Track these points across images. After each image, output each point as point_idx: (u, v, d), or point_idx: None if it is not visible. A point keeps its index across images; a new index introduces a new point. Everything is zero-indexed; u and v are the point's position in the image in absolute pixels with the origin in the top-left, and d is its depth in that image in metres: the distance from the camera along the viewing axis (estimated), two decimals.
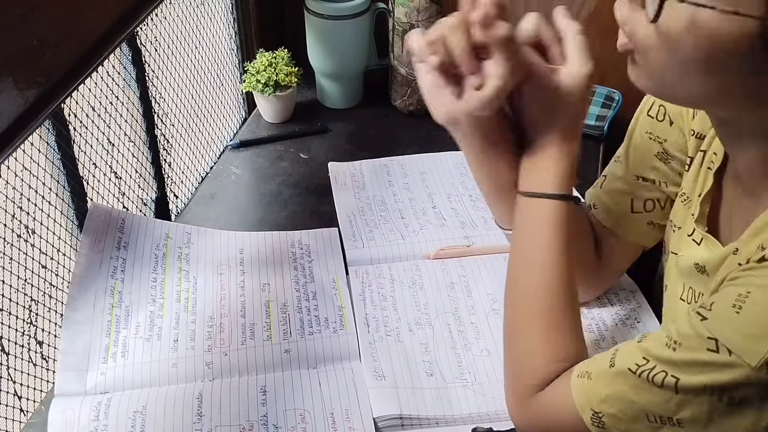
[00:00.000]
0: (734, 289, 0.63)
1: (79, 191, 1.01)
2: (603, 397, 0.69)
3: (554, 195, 0.78)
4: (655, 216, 0.90)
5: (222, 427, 0.87)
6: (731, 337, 0.61)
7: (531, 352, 0.78)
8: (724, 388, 0.62)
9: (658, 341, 0.66)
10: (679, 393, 0.64)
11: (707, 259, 0.76)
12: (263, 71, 1.32)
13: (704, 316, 0.64)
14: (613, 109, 1.37)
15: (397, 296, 1.04)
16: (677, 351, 0.64)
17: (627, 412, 0.68)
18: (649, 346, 0.67)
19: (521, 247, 0.81)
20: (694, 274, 0.78)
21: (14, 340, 0.91)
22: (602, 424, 0.70)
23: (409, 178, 1.26)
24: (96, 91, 1.02)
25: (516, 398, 0.79)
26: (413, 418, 0.88)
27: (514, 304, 0.81)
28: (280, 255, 1.09)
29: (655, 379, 0.65)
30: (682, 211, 0.83)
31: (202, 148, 1.33)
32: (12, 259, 0.90)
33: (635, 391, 0.67)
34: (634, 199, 0.90)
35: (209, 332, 0.98)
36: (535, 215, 0.79)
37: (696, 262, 0.77)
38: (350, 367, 0.95)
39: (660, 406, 0.66)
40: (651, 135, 0.87)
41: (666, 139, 0.86)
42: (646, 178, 0.89)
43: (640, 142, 0.89)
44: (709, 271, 0.75)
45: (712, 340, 0.62)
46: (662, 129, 0.86)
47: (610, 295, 1.03)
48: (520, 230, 0.81)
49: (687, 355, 0.64)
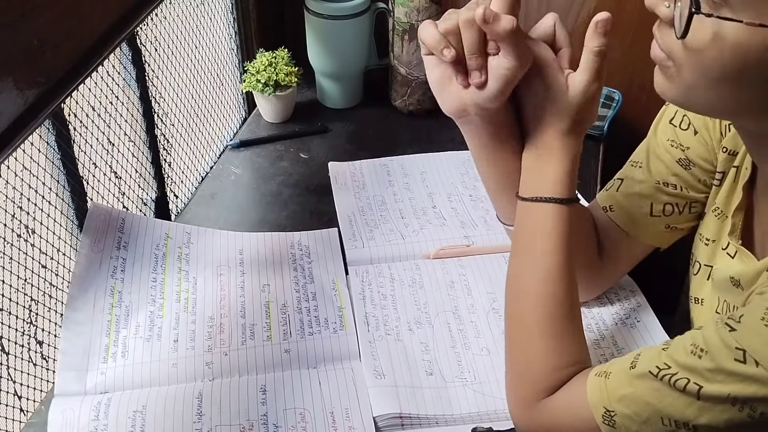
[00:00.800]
0: (763, 303, 0.63)
1: (79, 191, 1.01)
2: (619, 396, 0.69)
3: (555, 199, 0.78)
4: (673, 220, 0.91)
5: (222, 426, 0.87)
6: (759, 349, 0.61)
7: (536, 359, 0.78)
8: (747, 400, 0.62)
9: (683, 348, 0.66)
10: (701, 399, 0.64)
11: (742, 273, 0.76)
12: (263, 71, 1.32)
13: (733, 327, 0.64)
14: (613, 109, 1.37)
15: (396, 295, 1.04)
16: (702, 359, 0.64)
17: (641, 414, 0.68)
18: (673, 353, 0.67)
19: (522, 252, 0.81)
20: (729, 288, 0.78)
21: (14, 340, 0.91)
22: (613, 422, 0.70)
23: (409, 178, 1.26)
24: (96, 91, 1.02)
25: (521, 403, 0.79)
26: (413, 417, 0.88)
27: (516, 311, 0.81)
28: (280, 256, 1.09)
29: (677, 384, 0.65)
30: (715, 225, 0.83)
31: (202, 148, 1.33)
32: (12, 259, 0.90)
33: (654, 393, 0.67)
34: (653, 203, 0.90)
35: (209, 332, 0.98)
36: (536, 219, 0.79)
37: (731, 275, 0.77)
38: (350, 367, 0.95)
39: (678, 411, 0.66)
40: (674, 143, 0.88)
41: (689, 147, 0.87)
42: (668, 183, 0.89)
43: (662, 150, 0.89)
44: (744, 285, 0.75)
45: (740, 351, 0.62)
46: (686, 137, 0.87)
47: (610, 295, 1.03)
48: (521, 235, 0.81)
49: (712, 364, 0.63)
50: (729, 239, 0.79)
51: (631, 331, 0.98)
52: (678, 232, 0.92)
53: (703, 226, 0.86)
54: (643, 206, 0.91)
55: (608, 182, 0.96)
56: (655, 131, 0.90)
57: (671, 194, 0.89)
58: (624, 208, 0.92)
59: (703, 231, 0.86)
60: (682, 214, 0.90)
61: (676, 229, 0.91)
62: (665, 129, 0.89)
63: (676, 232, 0.92)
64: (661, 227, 0.91)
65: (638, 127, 1.25)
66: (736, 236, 0.79)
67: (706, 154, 0.86)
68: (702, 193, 0.88)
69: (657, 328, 0.98)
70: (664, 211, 0.90)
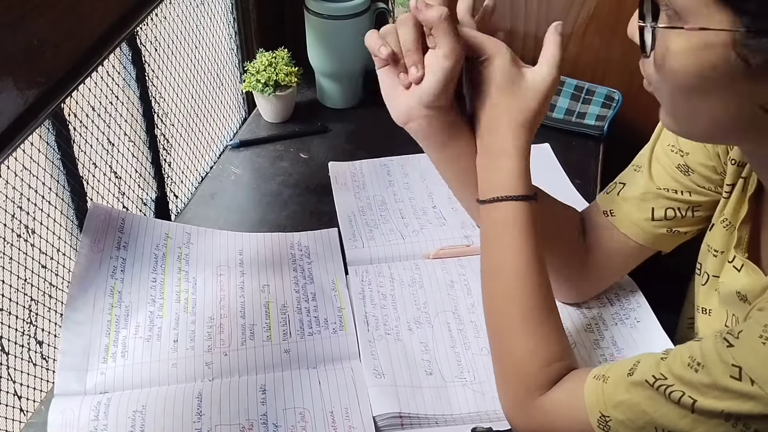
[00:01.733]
0: (762, 320, 0.63)
1: (79, 191, 1.01)
2: (615, 402, 0.70)
3: (513, 197, 0.79)
4: (675, 224, 0.91)
5: (222, 426, 0.87)
6: (755, 367, 0.61)
7: (524, 358, 0.78)
8: (741, 417, 0.62)
9: (680, 360, 0.66)
10: (695, 413, 0.64)
11: (748, 288, 0.76)
12: (263, 71, 1.32)
13: (731, 343, 0.63)
14: (613, 109, 1.37)
15: (396, 295, 1.04)
16: (699, 373, 0.64)
17: (636, 422, 0.68)
18: (670, 363, 0.67)
19: (490, 253, 0.82)
20: (736, 302, 0.78)
21: (14, 340, 0.91)
22: (608, 428, 0.70)
23: (409, 178, 1.26)
24: (96, 91, 1.02)
25: (516, 402, 0.79)
26: (413, 417, 0.88)
27: (494, 312, 0.82)
28: (280, 256, 1.09)
29: (672, 396, 0.66)
30: (723, 237, 0.83)
31: (202, 148, 1.33)
32: (12, 259, 0.90)
33: (649, 402, 0.67)
34: (655, 207, 0.90)
35: (209, 332, 0.98)
36: (498, 220, 0.80)
37: (737, 290, 0.77)
38: (350, 366, 0.95)
39: (672, 422, 0.66)
40: (674, 148, 0.88)
41: (688, 152, 0.87)
42: (669, 188, 0.89)
43: (664, 156, 0.89)
44: (750, 300, 0.75)
45: (736, 368, 0.62)
46: (686, 142, 0.87)
47: (610, 295, 1.03)
48: (486, 236, 0.82)
49: (708, 379, 0.64)
50: (735, 252, 0.79)
51: (631, 331, 0.98)
52: (680, 237, 0.92)
53: (711, 236, 0.86)
54: (645, 211, 0.91)
55: (609, 185, 0.96)
56: (657, 136, 0.91)
57: (673, 199, 0.89)
58: (625, 213, 0.92)
59: (711, 242, 0.85)
60: (684, 218, 0.90)
61: (679, 234, 0.91)
62: (666, 134, 0.89)
63: (679, 236, 0.92)
64: (664, 231, 0.91)
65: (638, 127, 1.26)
66: (742, 249, 0.79)
67: (706, 161, 0.86)
68: (704, 197, 0.88)
69: (657, 328, 0.98)
70: (666, 216, 0.90)
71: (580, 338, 0.97)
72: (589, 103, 1.37)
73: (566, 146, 1.33)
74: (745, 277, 0.77)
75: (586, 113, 1.37)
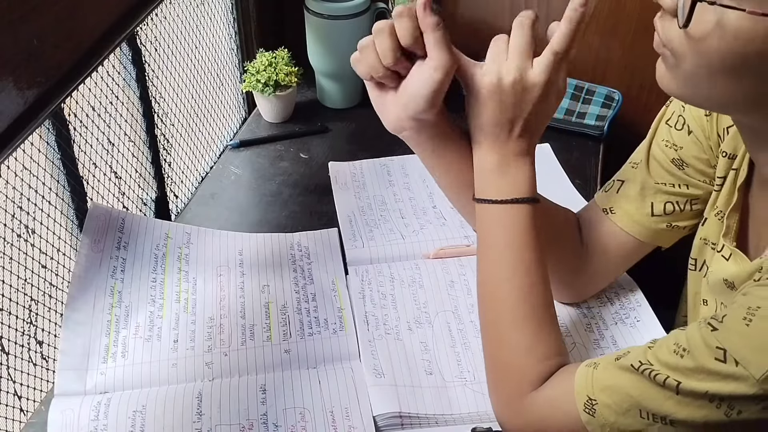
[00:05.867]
0: (745, 303, 0.64)
1: (79, 191, 1.01)
2: (603, 386, 0.71)
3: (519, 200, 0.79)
4: (674, 218, 0.91)
5: (222, 426, 0.87)
6: (739, 348, 0.62)
7: (521, 352, 0.79)
8: (725, 398, 0.63)
9: (666, 348, 0.67)
10: (680, 394, 0.65)
11: (736, 275, 0.76)
12: (263, 71, 1.32)
13: (715, 327, 0.64)
14: (613, 109, 1.37)
15: (396, 295, 1.04)
16: (684, 358, 0.65)
17: (621, 405, 0.69)
18: (657, 351, 0.68)
19: (488, 252, 0.82)
20: (724, 290, 0.78)
21: (14, 340, 0.91)
22: (594, 411, 0.71)
23: (409, 178, 1.26)
24: (96, 91, 1.02)
25: (508, 400, 0.80)
26: (413, 417, 0.88)
27: (490, 310, 0.82)
28: (280, 257, 1.09)
29: (656, 378, 0.66)
30: (717, 228, 0.83)
31: (202, 148, 1.33)
32: (12, 259, 0.90)
33: (635, 386, 0.68)
34: (654, 203, 0.91)
35: (209, 333, 0.98)
36: (495, 221, 0.80)
37: (725, 278, 0.78)
38: (350, 366, 0.95)
39: (657, 404, 0.67)
40: (668, 143, 0.89)
41: (682, 146, 0.88)
42: (666, 183, 0.90)
43: (659, 151, 0.90)
44: (738, 287, 0.76)
45: (721, 350, 0.63)
46: (679, 137, 0.88)
47: (610, 295, 1.03)
48: (483, 236, 0.82)
49: (694, 363, 0.64)
50: (723, 241, 0.80)
51: (631, 331, 0.98)
52: (680, 231, 0.92)
53: (705, 229, 0.86)
54: (644, 207, 0.91)
55: (606, 183, 0.96)
56: (653, 132, 0.91)
57: (671, 192, 0.90)
58: (625, 210, 0.92)
59: (706, 234, 0.86)
60: (683, 212, 0.90)
61: (678, 228, 0.92)
62: (662, 129, 0.90)
63: (678, 231, 0.92)
64: (663, 226, 0.92)
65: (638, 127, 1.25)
66: (730, 238, 0.80)
67: (699, 154, 0.86)
68: (701, 190, 0.88)
69: (657, 327, 0.98)
70: (665, 210, 0.91)
71: (580, 338, 0.97)
72: (589, 103, 1.38)
73: (566, 146, 1.33)
74: (733, 265, 0.78)
75: (586, 113, 1.37)
